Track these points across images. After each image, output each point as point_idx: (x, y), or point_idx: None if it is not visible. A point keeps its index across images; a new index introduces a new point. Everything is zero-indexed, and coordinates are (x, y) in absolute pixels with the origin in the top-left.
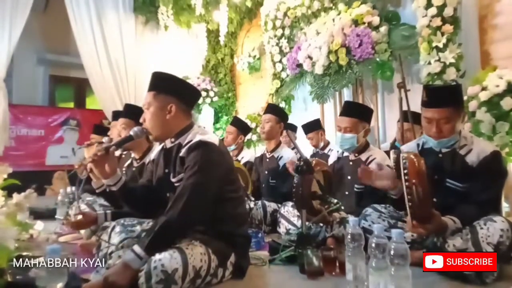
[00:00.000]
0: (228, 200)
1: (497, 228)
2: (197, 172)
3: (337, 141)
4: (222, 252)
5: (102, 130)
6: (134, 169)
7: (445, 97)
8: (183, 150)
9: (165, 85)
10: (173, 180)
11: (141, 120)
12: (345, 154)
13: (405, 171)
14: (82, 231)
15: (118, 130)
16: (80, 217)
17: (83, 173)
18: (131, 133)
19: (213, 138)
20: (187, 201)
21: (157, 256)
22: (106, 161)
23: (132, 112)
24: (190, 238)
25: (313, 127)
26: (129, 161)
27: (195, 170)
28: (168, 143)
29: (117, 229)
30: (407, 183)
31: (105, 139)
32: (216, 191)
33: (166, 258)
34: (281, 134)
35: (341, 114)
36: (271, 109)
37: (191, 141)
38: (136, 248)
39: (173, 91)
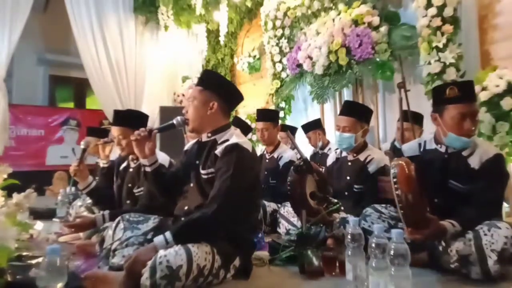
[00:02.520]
0: (249, 205)
1: (501, 235)
2: (231, 176)
3: (335, 141)
4: (227, 254)
5: (96, 132)
6: (131, 170)
7: (473, 91)
8: (219, 149)
9: (212, 83)
10: (202, 172)
11: (183, 111)
12: (344, 154)
13: (395, 180)
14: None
15: (117, 139)
16: (78, 220)
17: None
18: (174, 121)
19: (248, 143)
20: (222, 204)
21: (163, 252)
22: (147, 142)
23: (123, 119)
24: None
25: (312, 126)
26: (125, 164)
27: (229, 174)
28: (204, 137)
29: (122, 225)
30: (397, 192)
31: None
32: (245, 196)
33: (171, 254)
34: (278, 131)
35: (340, 114)
36: (264, 116)
37: (227, 140)
38: (167, 233)
39: (218, 90)
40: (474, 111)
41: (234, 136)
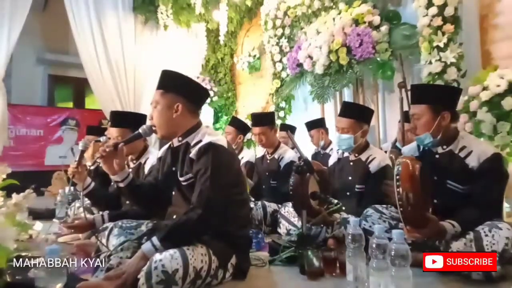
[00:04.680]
0: (234, 202)
1: (502, 236)
2: (210, 176)
3: (335, 142)
4: (223, 253)
5: (96, 130)
6: (130, 169)
7: (420, 92)
8: (193, 152)
9: (172, 84)
10: (181, 179)
11: (148, 118)
12: (345, 154)
13: (397, 177)
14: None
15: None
16: (77, 221)
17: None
18: (140, 130)
19: (222, 139)
20: (206, 206)
21: (158, 256)
22: (114, 158)
23: (121, 120)
24: None
25: (315, 125)
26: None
27: (208, 175)
28: (176, 142)
29: (115, 231)
30: (398, 189)
31: (102, 138)
32: (228, 194)
33: (167, 259)
34: (275, 132)
35: (339, 115)
36: (259, 120)
37: (200, 141)
38: (154, 239)
39: (180, 90)
40: (413, 113)
41: (207, 135)
